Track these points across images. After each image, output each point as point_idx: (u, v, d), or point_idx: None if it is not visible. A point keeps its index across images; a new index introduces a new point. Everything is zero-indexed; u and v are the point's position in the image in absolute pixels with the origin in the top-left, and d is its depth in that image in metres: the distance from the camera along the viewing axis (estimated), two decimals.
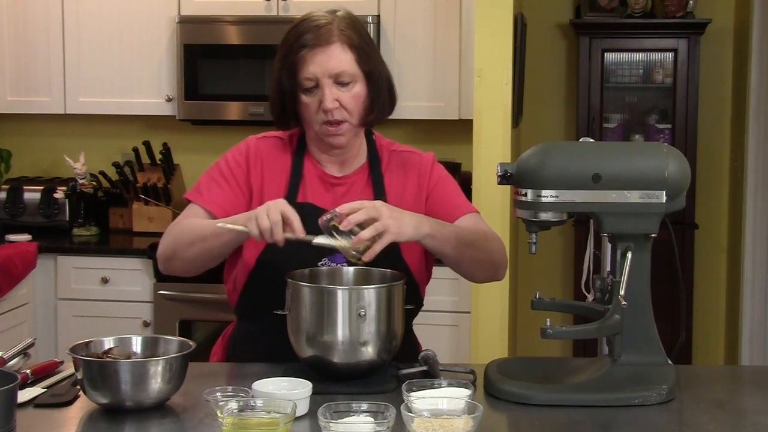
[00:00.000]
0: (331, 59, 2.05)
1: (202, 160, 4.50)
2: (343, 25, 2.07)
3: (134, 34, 4.22)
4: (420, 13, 4.03)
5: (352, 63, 2.06)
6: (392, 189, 2.16)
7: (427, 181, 2.20)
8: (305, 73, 2.06)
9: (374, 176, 2.17)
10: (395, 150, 2.23)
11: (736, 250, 4.68)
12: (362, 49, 2.08)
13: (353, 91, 2.07)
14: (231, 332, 2.25)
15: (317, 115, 2.07)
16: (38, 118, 4.55)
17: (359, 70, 2.07)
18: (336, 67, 2.05)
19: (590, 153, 1.88)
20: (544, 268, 4.84)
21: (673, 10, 4.64)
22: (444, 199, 2.19)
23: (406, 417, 1.59)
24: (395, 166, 2.20)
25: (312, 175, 2.16)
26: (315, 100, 2.07)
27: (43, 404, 1.81)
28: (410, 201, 2.16)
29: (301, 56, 2.06)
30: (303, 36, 2.07)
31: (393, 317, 1.91)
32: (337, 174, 2.17)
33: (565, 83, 4.93)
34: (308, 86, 2.07)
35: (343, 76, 2.05)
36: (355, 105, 2.08)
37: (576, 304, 2.03)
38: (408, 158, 2.22)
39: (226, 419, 1.56)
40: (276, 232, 1.87)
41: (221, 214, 2.11)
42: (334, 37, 2.05)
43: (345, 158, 2.17)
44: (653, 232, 1.87)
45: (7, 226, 4.26)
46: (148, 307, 3.97)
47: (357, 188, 2.16)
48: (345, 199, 2.12)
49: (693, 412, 1.86)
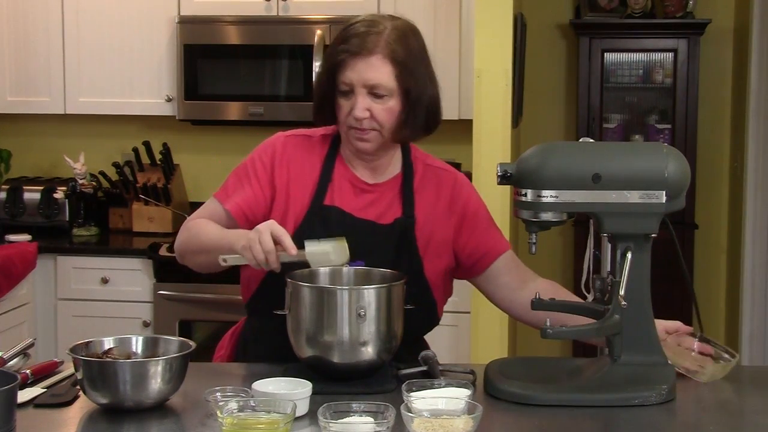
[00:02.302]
0: (370, 70, 2.01)
1: (202, 160, 4.53)
2: (393, 38, 2.03)
3: (134, 34, 4.22)
4: (420, 13, 4.02)
5: (391, 77, 2.02)
6: (421, 206, 2.14)
7: (460, 208, 2.17)
8: (343, 77, 2.03)
9: (405, 190, 2.15)
10: (430, 165, 2.20)
11: (736, 250, 4.68)
12: (405, 65, 2.03)
13: (387, 105, 2.04)
14: (241, 329, 2.25)
15: (347, 118, 2.05)
16: (38, 118, 4.55)
17: (397, 86, 2.03)
18: (373, 79, 2.01)
19: (590, 153, 1.88)
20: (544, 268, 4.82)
21: (673, 10, 4.65)
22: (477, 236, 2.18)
23: (406, 417, 1.59)
24: (429, 183, 2.17)
25: (342, 178, 2.13)
26: (348, 104, 2.04)
27: (43, 404, 1.81)
28: (439, 222, 2.15)
29: (342, 60, 2.03)
30: (349, 40, 2.04)
31: (393, 317, 1.91)
32: (369, 180, 2.14)
33: (564, 83, 4.93)
34: (344, 90, 2.04)
35: (378, 88, 2.02)
36: (387, 118, 2.05)
37: (576, 304, 2.03)
38: (442, 177, 2.19)
39: (226, 419, 1.57)
40: (271, 261, 1.89)
41: (239, 214, 2.11)
42: (378, 49, 2.01)
43: (376, 165, 2.14)
44: (653, 232, 1.87)
45: (7, 226, 4.26)
46: (148, 307, 3.97)
47: (386, 198, 2.14)
48: (373, 207, 2.12)
49: (693, 412, 1.86)
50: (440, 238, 2.15)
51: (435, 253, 2.14)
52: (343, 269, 2.04)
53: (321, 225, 2.08)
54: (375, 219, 2.11)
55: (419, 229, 2.12)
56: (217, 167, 2.18)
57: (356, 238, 2.03)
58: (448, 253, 2.16)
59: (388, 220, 2.11)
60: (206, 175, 4.51)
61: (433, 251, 2.14)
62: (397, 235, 2.10)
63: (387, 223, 2.11)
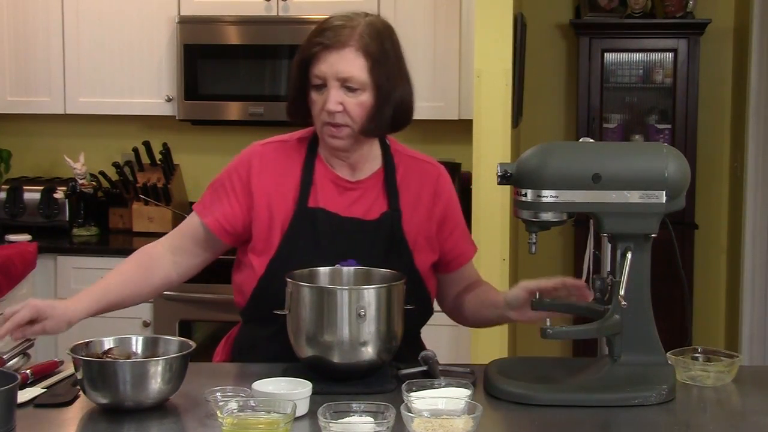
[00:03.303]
0: (342, 62, 2.02)
1: (202, 160, 4.52)
2: (367, 32, 2.04)
3: (134, 34, 4.21)
4: (420, 13, 4.03)
5: (363, 70, 2.02)
6: (407, 199, 2.15)
7: (443, 202, 2.19)
8: (315, 71, 2.03)
9: (388, 183, 2.15)
10: (412, 156, 2.21)
11: (736, 250, 4.68)
12: (378, 60, 2.03)
13: (359, 99, 2.03)
14: (236, 335, 2.25)
15: (321, 114, 2.05)
16: (38, 118, 4.55)
17: (369, 79, 2.03)
18: (345, 71, 2.02)
19: (590, 153, 1.88)
20: (544, 268, 4.83)
21: (673, 10, 4.64)
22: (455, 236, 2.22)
23: (406, 417, 1.59)
24: (412, 175, 2.17)
25: (324, 179, 2.13)
26: (321, 98, 2.04)
27: (43, 404, 1.81)
28: (425, 214, 2.16)
29: (315, 53, 2.03)
30: (323, 33, 2.04)
31: (393, 317, 1.90)
32: (350, 178, 2.14)
33: (564, 83, 4.93)
34: (316, 83, 2.04)
35: (351, 81, 2.02)
36: (359, 112, 2.04)
37: (576, 304, 2.03)
38: (426, 169, 2.20)
39: (226, 419, 1.57)
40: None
41: (217, 227, 2.13)
42: (352, 41, 2.02)
43: (353, 162, 2.14)
44: (653, 232, 1.87)
45: (7, 226, 4.26)
46: (148, 307, 3.97)
47: (371, 194, 2.14)
48: (358, 204, 2.12)
49: (693, 412, 1.86)
50: (427, 230, 2.15)
51: (423, 245, 2.15)
52: (343, 269, 2.04)
53: (309, 228, 2.07)
54: (361, 216, 2.11)
55: (406, 222, 2.12)
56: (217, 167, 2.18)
57: (345, 237, 2.04)
58: (435, 245, 2.17)
59: (375, 215, 2.11)
60: (206, 175, 4.46)
61: (422, 243, 2.14)
62: (385, 229, 2.10)
63: (374, 218, 2.11)
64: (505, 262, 3.54)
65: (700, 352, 2.03)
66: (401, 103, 2.09)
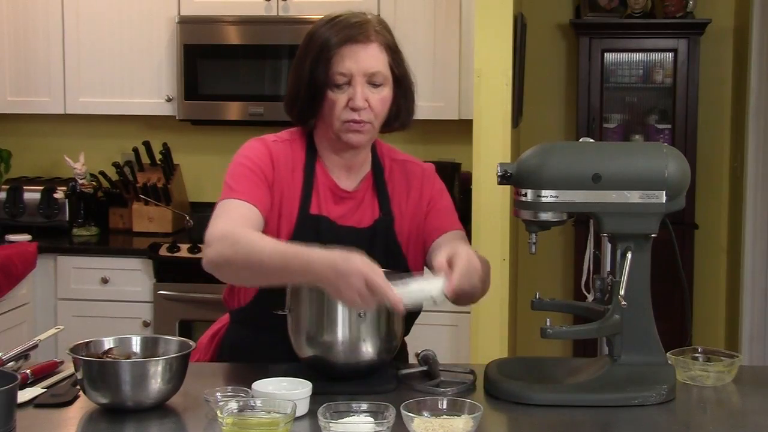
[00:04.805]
0: (369, 57, 2.01)
1: (202, 160, 4.53)
2: (379, 27, 2.05)
3: (134, 34, 4.22)
4: (420, 13, 4.03)
5: (386, 65, 2.03)
6: (396, 202, 2.14)
7: (429, 193, 2.17)
8: (340, 68, 2.00)
9: (378, 187, 2.14)
10: (396, 159, 2.20)
11: (736, 250, 4.68)
12: (396, 53, 2.06)
13: (382, 94, 2.04)
14: (224, 334, 2.20)
15: (343, 111, 2.02)
16: (38, 118, 4.55)
17: (391, 74, 2.05)
18: (372, 66, 2.01)
19: (590, 153, 1.88)
20: (544, 268, 4.84)
21: (673, 10, 4.64)
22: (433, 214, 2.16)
23: (406, 417, 1.59)
24: (398, 178, 2.17)
25: (324, 186, 2.11)
26: (344, 96, 2.02)
27: (43, 404, 1.81)
28: (411, 212, 2.15)
29: (338, 51, 2.01)
30: (343, 31, 2.02)
31: (393, 317, 1.90)
32: (347, 188, 2.12)
33: (564, 83, 4.93)
34: (339, 82, 2.01)
35: (377, 76, 2.02)
36: (381, 108, 2.04)
37: (576, 304, 2.03)
38: (410, 169, 2.19)
39: (226, 419, 1.57)
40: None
41: (266, 212, 2.03)
42: (374, 36, 2.03)
43: (352, 163, 2.12)
44: (653, 232, 1.87)
45: (7, 226, 4.26)
46: (148, 307, 3.97)
47: (367, 203, 2.13)
48: (352, 214, 2.11)
49: (693, 412, 1.86)
50: (417, 231, 2.15)
51: (415, 247, 2.14)
52: None
53: (312, 235, 2.03)
54: (355, 224, 2.10)
55: (398, 225, 2.12)
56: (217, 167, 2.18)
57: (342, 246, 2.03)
58: (424, 243, 2.16)
59: (368, 223, 2.11)
60: (206, 175, 4.51)
61: (414, 245, 2.14)
62: (380, 235, 2.10)
63: (367, 225, 2.10)
64: (505, 262, 3.54)
65: (700, 352, 2.03)
66: (413, 99, 2.13)
